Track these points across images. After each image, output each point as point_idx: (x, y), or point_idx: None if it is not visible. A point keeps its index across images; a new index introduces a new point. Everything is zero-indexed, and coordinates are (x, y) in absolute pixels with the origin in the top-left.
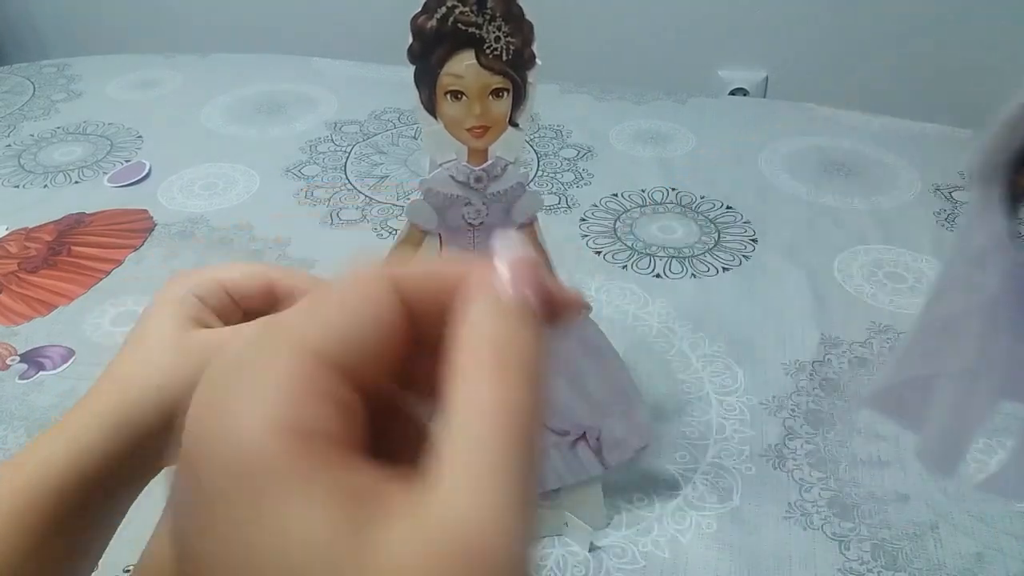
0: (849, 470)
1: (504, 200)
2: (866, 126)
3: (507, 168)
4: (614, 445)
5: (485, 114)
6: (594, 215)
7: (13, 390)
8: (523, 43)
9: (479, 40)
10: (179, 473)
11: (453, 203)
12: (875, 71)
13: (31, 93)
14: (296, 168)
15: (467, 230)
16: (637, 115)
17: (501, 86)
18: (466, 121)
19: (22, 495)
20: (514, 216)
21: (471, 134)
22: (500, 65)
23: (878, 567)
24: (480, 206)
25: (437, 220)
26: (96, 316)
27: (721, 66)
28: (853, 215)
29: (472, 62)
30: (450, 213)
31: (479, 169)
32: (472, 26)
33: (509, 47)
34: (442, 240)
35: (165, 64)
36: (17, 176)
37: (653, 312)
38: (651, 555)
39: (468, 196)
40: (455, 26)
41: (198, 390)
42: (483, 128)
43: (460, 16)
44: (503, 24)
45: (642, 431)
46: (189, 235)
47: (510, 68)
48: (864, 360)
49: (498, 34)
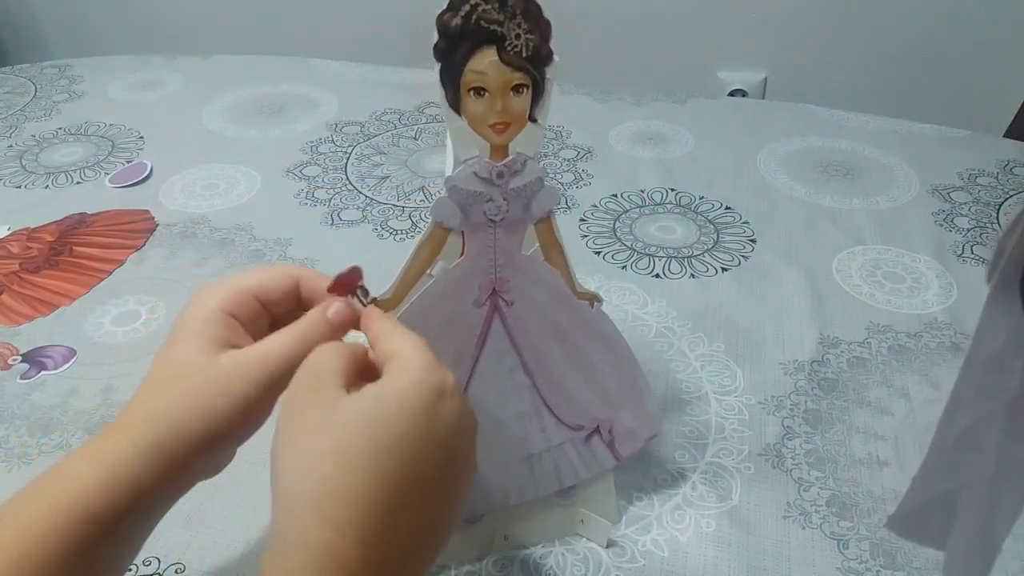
0: (848, 469)
1: (524, 195)
2: (864, 127)
3: (527, 163)
4: (626, 436)
5: (506, 110)
6: (594, 215)
7: (15, 390)
8: (541, 39)
9: (500, 37)
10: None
11: (476, 200)
12: (874, 72)
13: (33, 94)
14: (297, 169)
15: (488, 226)
16: (636, 116)
17: (521, 82)
18: (489, 117)
19: (49, 519)
20: (533, 210)
21: (493, 130)
22: (520, 61)
23: (877, 566)
24: (501, 202)
25: (460, 217)
26: (98, 316)
27: (720, 67)
28: (851, 215)
29: (494, 58)
30: (473, 210)
31: (501, 165)
32: (494, 23)
33: (529, 43)
34: (464, 237)
35: (166, 65)
36: (19, 177)
37: (652, 312)
38: (650, 554)
39: (490, 192)
40: (478, 23)
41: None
42: (504, 124)
43: (483, 13)
44: (522, 21)
45: (652, 420)
46: (190, 235)
47: (529, 64)
48: (863, 360)
49: (518, 31)
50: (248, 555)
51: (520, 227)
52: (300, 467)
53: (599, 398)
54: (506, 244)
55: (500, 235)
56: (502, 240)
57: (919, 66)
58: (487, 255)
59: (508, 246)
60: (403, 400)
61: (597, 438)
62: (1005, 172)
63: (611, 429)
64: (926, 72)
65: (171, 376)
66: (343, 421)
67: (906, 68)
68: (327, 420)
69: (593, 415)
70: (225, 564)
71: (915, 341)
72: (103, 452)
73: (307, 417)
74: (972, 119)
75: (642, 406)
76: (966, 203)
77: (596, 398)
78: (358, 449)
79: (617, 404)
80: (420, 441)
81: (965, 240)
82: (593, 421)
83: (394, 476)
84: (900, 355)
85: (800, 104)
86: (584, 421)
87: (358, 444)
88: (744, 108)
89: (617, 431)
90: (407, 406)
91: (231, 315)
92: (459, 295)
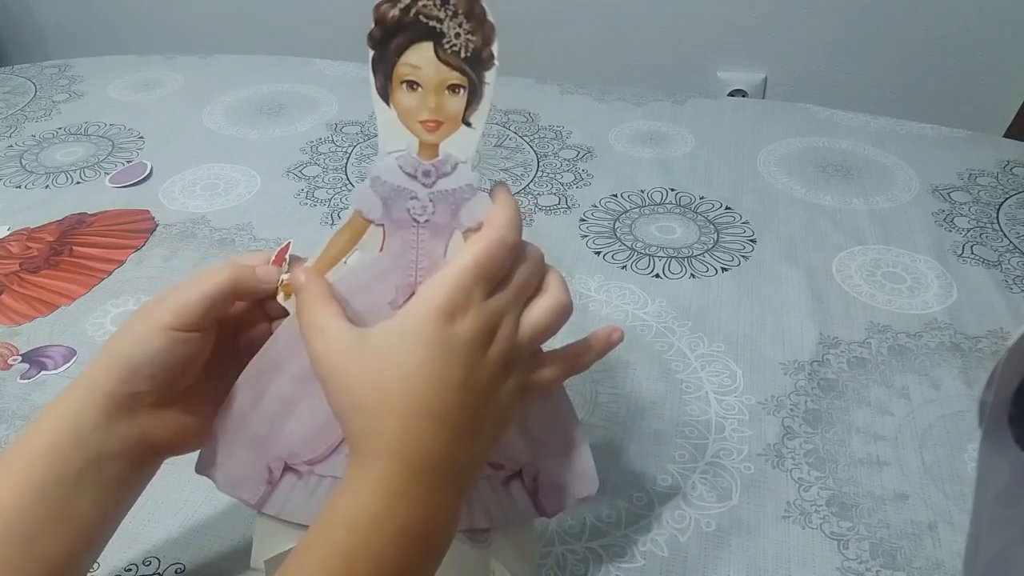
0: (848, 469)
1: (452, 200)
2: (864, 127)
3: (457, 167)
4: (552, 490)
5: (440, 108)
6: (594, 215)
7: (15, 390)
8: (483, 42)
9: (439, 34)
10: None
11: (399, 195)
12: (873, 72)
13: (33, 94)
14: (297, 169)
15: (412, 225)
16: (636, 116)
17: (458, 82)
18: (420, 113)
19: (27, 467)
20: (462, 218)
21: (424, 127)
22: (457, 61)
23: (876, 566)
24: (427, 202)
25: (381, 210)
26: (98, 316)
27: (720, 67)
28: (851, 215)
29: (431, 54)
30: (395, 205)
31: (429, 164)
32: (434, 19)
33: (468, 44)
34: (386, 232)
35: (166, 65)
36: (19, 176)
37: (652, 312)
38: (650, 554)
39: (414, 189)
40: (416, 17)
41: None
42: (436, 122)
43: (422, 8)
44: (464, 21)
45: (587, 480)
46: (190, 235)
47: (468, 66)
48: (863, 360)
49: (459, 31)
50: (248, 555)
51: (446, 232)
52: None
53: (525, 441)
54: (429, 247)
55: (424, 236)
56: (426, 243)
57: (919, 66)
58: (408, 255)
59: (431, 250)
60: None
61: (518, 483)
62: (1005, 172)
63: (535, 477)
64: (926, 72)
65: (134, 327)
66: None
67: (906, 68)
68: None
69: (515, 457)
70: (225, 564)
71: (915, 341)
72: (68, 400)
73: (353, 351)
74: (972, 119)
75: (576, 462)
76: (966, 203)
77: (521, 440)
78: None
79: (547, 454)
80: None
81: (965, 240)
82: (515, 463)
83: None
84: (900, 355)
85: (800, 104)
86: (504, 461)
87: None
88: (744, 108)
89: (543, 482)
90: (420, 339)
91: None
92: (375, 291)
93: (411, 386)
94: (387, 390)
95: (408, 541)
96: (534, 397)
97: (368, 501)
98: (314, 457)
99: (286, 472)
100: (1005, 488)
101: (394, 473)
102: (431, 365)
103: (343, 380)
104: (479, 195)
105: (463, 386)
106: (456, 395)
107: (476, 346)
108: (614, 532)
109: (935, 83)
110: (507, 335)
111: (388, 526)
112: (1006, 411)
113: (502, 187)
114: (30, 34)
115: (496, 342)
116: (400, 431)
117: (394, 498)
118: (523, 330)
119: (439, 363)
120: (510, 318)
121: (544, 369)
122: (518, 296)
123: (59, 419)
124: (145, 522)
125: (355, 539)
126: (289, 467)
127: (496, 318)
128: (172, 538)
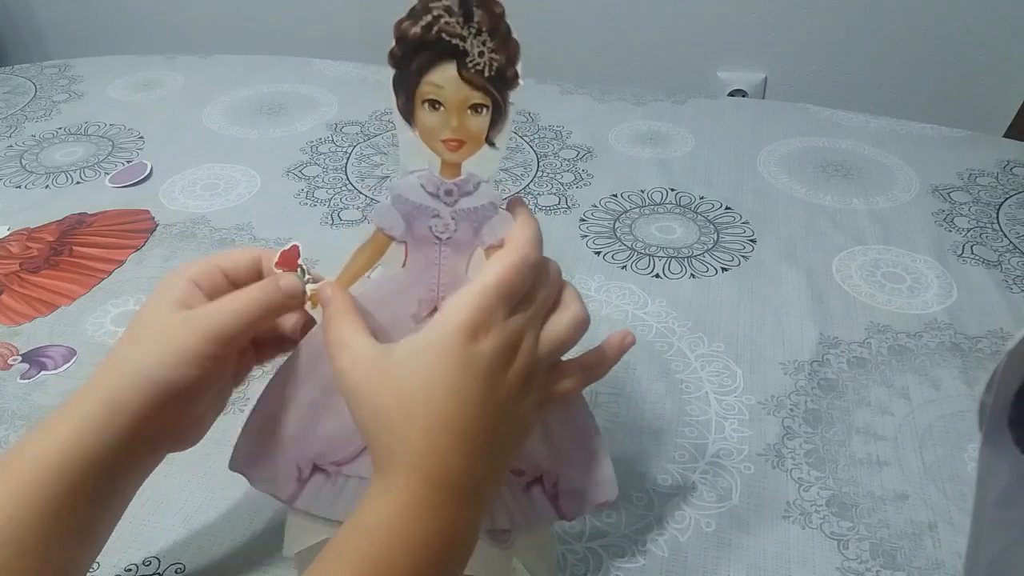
0: (848, 469)
1: (474, 218)
2: (864, 127)
3: (480, 186)
4: (572, 495)
5: (462, 127)
6: (594, 215)
7: (15, 390)
8: (507, 62)
9: (462, 52)
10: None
11: (421, 213)
12: (873, 72)
13: (32, 94)
14: (297, 169)
15: (434, 243)
16: (636, 116)
17: (481, 102)
18: (442, 132)
19: (26, 474)
20: (483, 236)
21: (446, 146)
22: (481, 80)
23: (876, 566)
24: (449, 220)
25: (403, 227)
26: (98, 316)
27: (720, 67)
28: (851, 215)
29: (453, 74)
30: (417, 223)
31: (451, 183)
32: (456, 37)
33: (492, 63)
34: (408, 250)
35: (166, 65)
36: (19, 176)
37: (652, 312)
38: (650, 553)
39: (436, 208)
40: (439, 35)
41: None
42: (459, 141)
43: (445, 26)
44: (488, 40)
45: (605, 487)
46: (190, 235)
47: (491, 85)
48: (863, 360)
49: (482, 49)
50: (248, 555)
51: (468, 249)
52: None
53: (546, 448)
54: (451, 263)
55: (446, 253)
56: (448, 259)
57: (919, 66)
58: (430, 271)
59: (453, 266)
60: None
61: (538, 488)
62: (1005, 172)
63: (556, 483)
64: (926, 72)
65: (131, 334)
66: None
67: (906, 68)
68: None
69: (536, 463)
70: (225, 564)
71: (915, 341)
72: (73, 408)
73: (379, 366)
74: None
75: (596, 471)
76: (966, 203)
77: (542, 447)
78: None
79: (566, 461)
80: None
81: (965, 240)
82: (536, 469)
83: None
84: (900, 355)
85: (800, 104)
86: (525, 467)
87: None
88: (744, 108)
89: (563, 488)
90: (447, 356)
91: (194, 283)
92: (398, 305)
93: (433, 402)
94: (410, 406)
95: (429, 553)
96: (554, 407)
97: (390, 513)
98: (341, 459)
99: (315, 471)
100: (1005, 490)
101: (416, 486)
102: (453, 381)
103: (367, 396)
104: (501, 213)
105: (484, 403)
106: (477, 411)
107: (498, 364)
108: (614, 532)
109: (935, 83)
110: (528, 351)
111: (409, 538)
112: (1006, 414)
113: (521, 204)
114: (30, 34)
115: (517, 359)
116: (422, 446)
117: (416, 511)
118: (543, 345)
119: (461, 380)
120: (531, 334)
121: (563, 381)
122: (539, 313)
123: (77, 435)
124: (145, 522)
125: (377, 551)
126: (318, 467)
127: (517, 336)
128: (172, 538)
